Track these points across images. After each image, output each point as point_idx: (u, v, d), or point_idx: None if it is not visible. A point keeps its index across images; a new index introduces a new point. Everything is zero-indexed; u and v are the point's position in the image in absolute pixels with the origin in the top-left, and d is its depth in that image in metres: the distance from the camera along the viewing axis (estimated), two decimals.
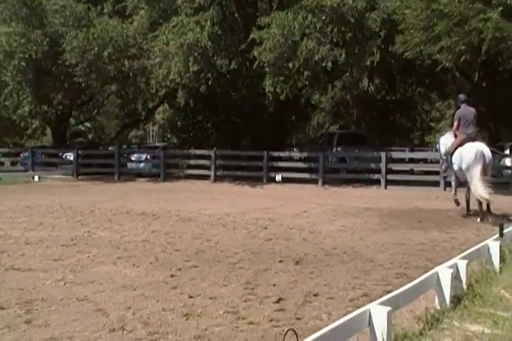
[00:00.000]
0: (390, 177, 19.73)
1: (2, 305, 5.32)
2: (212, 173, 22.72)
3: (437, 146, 13.73)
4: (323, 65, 19.13)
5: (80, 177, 24.65)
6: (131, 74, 23.23)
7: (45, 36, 22.62)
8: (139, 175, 25.23)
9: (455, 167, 11.84)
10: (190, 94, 24.49)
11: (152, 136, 63.92)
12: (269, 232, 9.96)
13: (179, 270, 6.91)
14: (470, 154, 11.26)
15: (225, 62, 21.06)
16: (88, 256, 7.66)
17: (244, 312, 5.27)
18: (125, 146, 33.91)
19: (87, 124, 43.14)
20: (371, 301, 4.36)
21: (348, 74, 25.68)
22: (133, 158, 26.78)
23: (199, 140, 28.59)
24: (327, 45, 19.14)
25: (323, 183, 20.64)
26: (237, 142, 26.15)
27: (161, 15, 22.23)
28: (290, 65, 19.27)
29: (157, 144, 37.18)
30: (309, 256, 7.89)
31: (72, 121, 33.62)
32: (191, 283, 6.26)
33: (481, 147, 11.36)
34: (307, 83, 21.09)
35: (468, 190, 11.77)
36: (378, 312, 3.86)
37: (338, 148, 24.23)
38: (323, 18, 18.95)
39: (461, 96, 12.40)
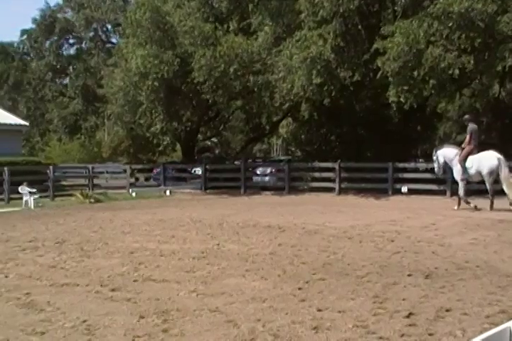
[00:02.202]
0: None
1: (142, 314, 5.60)
2: (336, 186, 22.60)
3: (434, 158, 16.66)
4: (450, 72, 18.56)
5: (207, 191, 25.41)
6: (255, 89, 23.75)
7: (176, 56, 23.68)
8: (264, 188, 25.57)
9: (471, 171, 15.46)
10: (313, 107, 24.60)
11: (276, 149, 64.69)
12: (397, 245, 9.76)
13: (307, 283, 6.93)
14: (493, 161, 15.10)
15: (348, 74, 20.99)
16: (218, 268, 7.87)
17: (373, 326, 5.19)
18: (250, 160, 34.58)
19: (214, 139, 44.46)
20: (510, 318, 4.15)
21: (477, 81, 24.68)
22: (258, 172, 27.22)
23: (323, 152, 28.54)
24: (454, 51, 18.57)
25: (452, 194, 19.89)
26: (361, 154, 25.86)
27: (285, 30, 22.58)
28: (415, 73, 18.86)
29: (281, 157, 37.57)
30: (440, 269, 7.63)
31: (199, 136, 34.78)
32: (319, 296, 6.26)
33: (497, 154, 15.17)
34: (433, 92, 20.52)
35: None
36: None
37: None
38: (449, 24, 18.40)
39: (468, 117, 16.54)
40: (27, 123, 31.92)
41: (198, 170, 27.09)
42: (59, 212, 17.41)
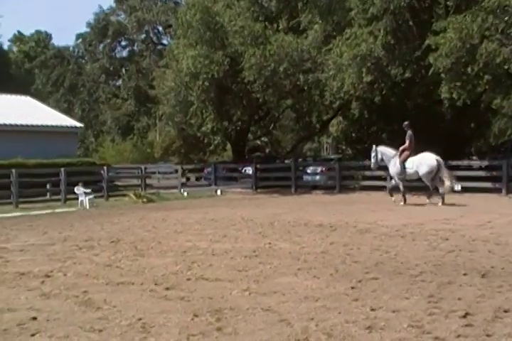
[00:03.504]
0: None
1: (196, 313, 5.66)
2: (388, 184, 22.32)
3: (373, 154, 18.28)
4: (506, 67, 18.14)
5: (258, 190, 25.50)
6: (305, 87, 23.73)
7: (226, 56, 23.87)
8: (314, 187, 25.49)
9: (410, 171, 17.33)
10: (364, 105, 24.43)
11: (326, 148, 64.40)
12: (451, 244, 9.59)
13: (359, 282, 6.88)
14: (432, 162, 16.96)
15: (399, 71, 20.75)
16: (270, 267, 7.89)
17: (429, 326, 5.12)
18: (300, 159, 34.51)
19: (264, 139, 44.56)
20: None
21: None
22: (308, 171, 27.14)
23: None
24: (510, 46, 18.10)
25: (508, 192, 19.42)
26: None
27: (335, 28, 22.50)
28: (468, 69, 18.52)
29: (332, 156, 37.36)
30: (496, 269, 7.47)
31: (250, 136, 34.91)
32: (372, 296, 6.21)
33: (436, 156, 17.09)
34: (487, 87, 20.11)
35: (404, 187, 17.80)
36: None
37: None
38: (505, 18, 17.96)
39: (407, 123, 17.87)
40: (82, 125, 32.65)
41: (249, 170, 27.17)
42: (113, 211, 17.76)
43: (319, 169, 26.87)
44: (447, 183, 16.75)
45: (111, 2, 68.93)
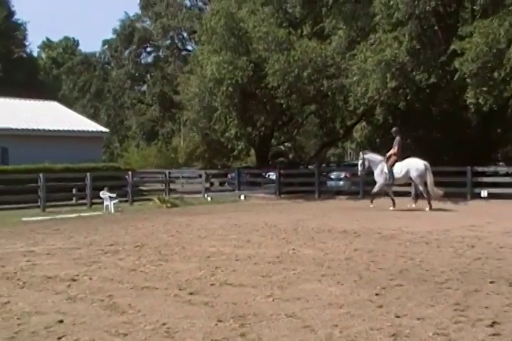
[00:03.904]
0: None
1: (219, 318, 5.67)
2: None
3: (360, 161, 19.12)
4: None
5: (282, 195, 25.46)
6: (329, 93, 23.67)
7: (250, 62, 23.93)
8: (338, 192, 25.38)
9: (399, 175, 18.02)
10: (388, 111, 24.25)
11: (350, 153, 64.16)
12: (477, 251, 9.48)
13: (384, 289, 6.83)
14: (421, 166, 17.77)
15: (424, 77, 20.60)
16: (294, 273, 7.87)
17: (455, 334, 5.06)
18: (324, 165, 34.40)
19: (288, 144, 44.53)
20: None
21: None
22: (332, 176, 27.05)
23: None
24: None
25: None
26: (437, 158, 25.22)
27: (359, 33, 22.43)
28: (495, 74, 18.33)
29: (355, 162, 37.15)
30: None
31: (273, 141, 34.91)
32: (397, 303, 6.16)
33: (423, 161, 17.94)
34: None
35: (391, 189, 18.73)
36: None
37: None
38: None
39: (396, 129, 18.82)
40: (107, 130, 33.00)
41: (272, 175, 27.16)
42: (137, 216, 17.89)
43: (343, 174, 26.76)
44: (429, 188, 17.67)
45: (136, 9, 69.61)
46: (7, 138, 26.17)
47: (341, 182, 26.61)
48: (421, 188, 18.09)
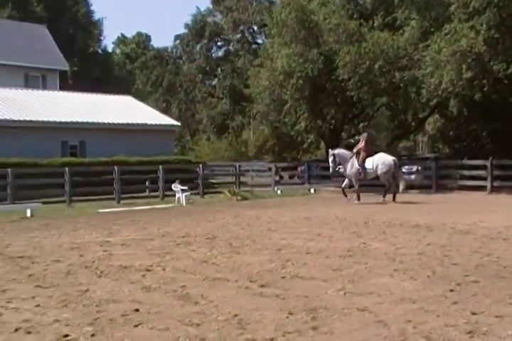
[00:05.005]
0: None
1: (291, 311, 5.69)
2: (488, 184, 21.58)
3: (331, 158, 19.38)
4: None
5: (351, 189, 25.13)
6: (401, 85, 23.27)
7: (320, 54, 23.80)
8: (409, 186, 24.88)
9: (369, 171, 18.58)
10: (463, 103, 23.64)
11: (421, 146, 62.85)
12: None
13: (458, 285, 6.68)
14: (389, 162, 18.53)
15: (502, 67, 19.94)
16: (365, 267, 7.80)
17: None
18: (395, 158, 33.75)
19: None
20: None
21: None
22: (404, 170, 26.55)
23: (473, 150, 27.32)
24: None
25: None
26: None
27: (432, 23, 21.93)
28: None
29: (427, 155, 36.41)
30: None
31: (343, 134, 34.63)
32: (473, 299, 6.01)
33: (391, 156, 18.91)
34: None
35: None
36: None
37: None
38: None
39: (364, 124, 19.12)
40: (179, 124, 33.56)
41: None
42: (209, 209, 18.13)
43: (415, 168, 26.24)
44: (398, 182, 18.64)
45: (208, 3, 70.20)
46: (85, 132, 27.05)
47: (413, 176, 26.09)
48: (385, 183, 18.86)
